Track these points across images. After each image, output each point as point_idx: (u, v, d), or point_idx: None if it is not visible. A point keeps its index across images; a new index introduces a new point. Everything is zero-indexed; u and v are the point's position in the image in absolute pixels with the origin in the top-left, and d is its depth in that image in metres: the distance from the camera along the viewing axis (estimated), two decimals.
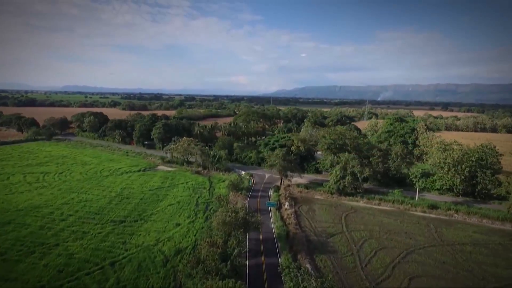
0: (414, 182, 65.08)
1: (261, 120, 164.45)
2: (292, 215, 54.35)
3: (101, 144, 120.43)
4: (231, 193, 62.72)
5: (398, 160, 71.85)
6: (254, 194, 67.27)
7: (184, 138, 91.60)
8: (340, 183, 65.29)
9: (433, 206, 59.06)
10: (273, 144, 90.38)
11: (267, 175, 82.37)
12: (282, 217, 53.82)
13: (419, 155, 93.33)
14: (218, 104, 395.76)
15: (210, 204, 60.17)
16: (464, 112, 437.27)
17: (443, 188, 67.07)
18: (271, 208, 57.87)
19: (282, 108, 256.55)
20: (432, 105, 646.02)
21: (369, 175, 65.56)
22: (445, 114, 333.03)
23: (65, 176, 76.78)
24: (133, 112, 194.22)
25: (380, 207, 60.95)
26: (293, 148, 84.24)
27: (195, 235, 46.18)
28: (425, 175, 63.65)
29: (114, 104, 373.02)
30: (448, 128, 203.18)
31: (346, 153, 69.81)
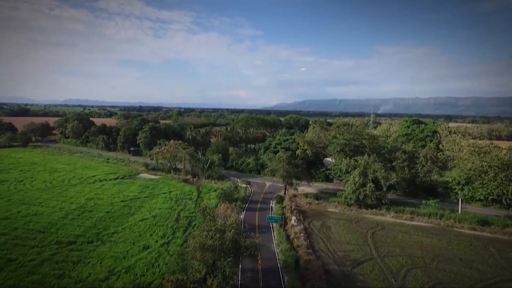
0: (456, 191, 51.76)
1: (261, 127, 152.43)
2: (302, 234, 40.80)
3: (81, 150, 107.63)
4: (222, 204, 49.34)
5: (428, 164, 58.71)
6: (251, 206, 53.83)
7: (172, 141, 79.00)
8: (359, 192, 51.99)
9: (484, 222, 45.50)
10: (275, 147, 77.58)
11: (268, 184, 69.05)
12: (288, 237, 40.29)
13: (444, 161, 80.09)
14: (217, 115, 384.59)
15: (195, 219, 46.89)
16: (469, 123, 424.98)
17: (489, 198, 53.58)
18: (274, 224, 44.44)
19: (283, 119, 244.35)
20: (434, 118, 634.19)
21: (396, 182, 52.31)
22: (451, 125, 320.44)
23: (24, 185, 63.52)
24: (123, 121, 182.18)
25: (413, 223, 47.38)
26: (298, 152, 71.32)
27: (166, 264, 32.66)
28: (470, 182, 50.48)
29: (110, 115, 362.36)
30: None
31: (365, 155, 56.90)
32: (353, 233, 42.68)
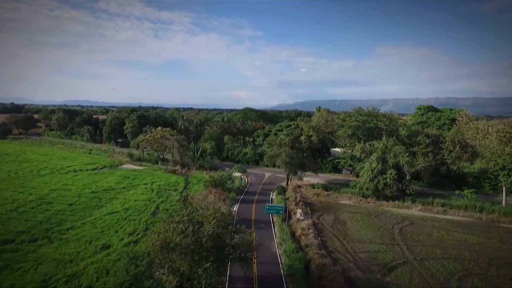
0: (500, 177, 42.68)
1: (261, 120, 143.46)
2: (311, 230, 31.79)
3: (63, 142, 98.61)
4: (211, 195, 40.28)
5: (457, 149, 49.59)
6: (247, 198, 44.80)
7: (159, 127, 70.04)
8: (378, 181, 42.98)
9: None
10: (275, 134, 68.54)
11: (267, 174, 60.08)
12: (293, 234, 31.28)
13: (474, 146, 70.79)
14: (216, 112, 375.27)
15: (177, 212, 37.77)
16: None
17: None
18: (275, 218, 35.51)
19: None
20: None
21: (423, 168, 43.23)
22: None
23: None
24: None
25: (447, 217, 38.33)
26: (302, 138, 62.24)
27: (127, 270, 23.60)
28: None
29: (106, 112, 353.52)
30: None
31: (384, 137, 47.94)
32: (375, 229, 33.68)
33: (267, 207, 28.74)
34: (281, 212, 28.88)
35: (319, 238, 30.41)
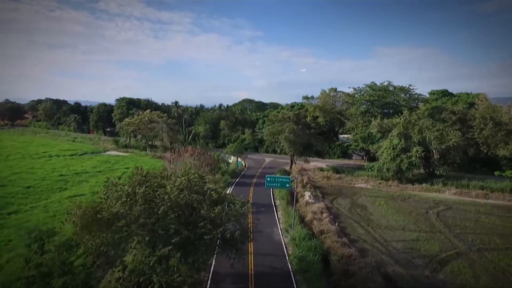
0: None
1: (260, 112, 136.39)
2: (325, 215, 24.61)
3: (47, 131, 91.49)
4: (186, 154, 32.85)
5: (489, 126, 42.35)
6: (244, 181, 37.57)
7: (147, 110, 62.95)
8: (402, 160, 35.76)
9: None
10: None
11: (267, 159, 52.97)
12: (302, 219, 24.07)
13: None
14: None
15: None
16: None
17: None
18: (277, 200, 28.41)
19: None
20: None
21: (457, 144, 35.89)
22: None
23: None
24: None
25: (491, 202, 31.12)
26: (307, 119, 54.92)
27: (28, 260, 16.47)
28: None
29: None
30: None
31: (406, 111, 40.78)
32: (405, 215, 26.51)
33: (268, 179, 21.41)
34: (288, 185, 21.57)
35: (336, 224, 23.25)
